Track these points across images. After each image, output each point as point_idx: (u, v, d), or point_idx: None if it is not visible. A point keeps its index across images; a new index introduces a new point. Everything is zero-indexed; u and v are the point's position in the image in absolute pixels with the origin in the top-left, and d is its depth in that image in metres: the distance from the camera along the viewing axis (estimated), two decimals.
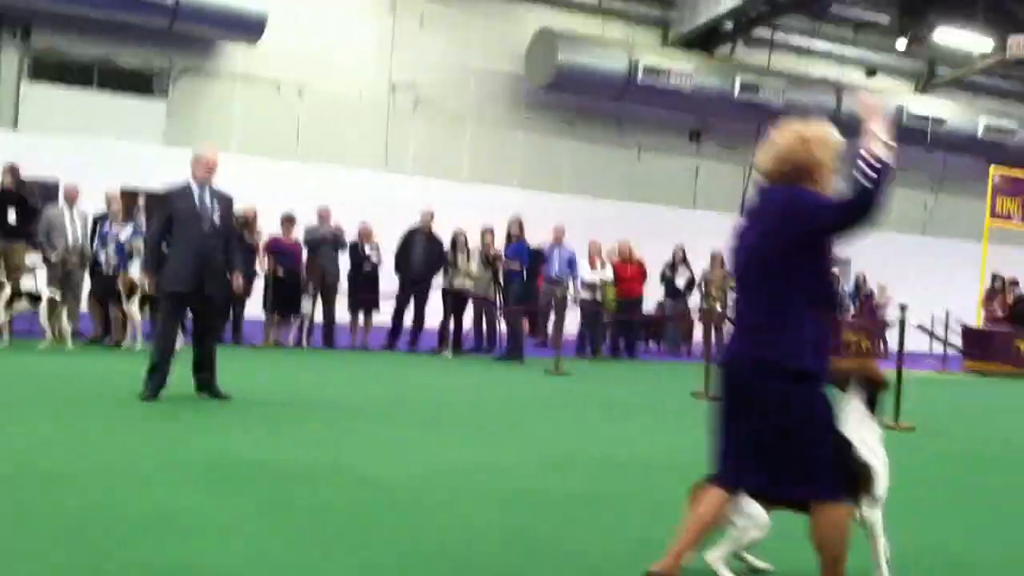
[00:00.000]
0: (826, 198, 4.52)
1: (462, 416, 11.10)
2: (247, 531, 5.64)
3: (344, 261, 18.88)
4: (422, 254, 18.90)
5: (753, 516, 4.93)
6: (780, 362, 4.46)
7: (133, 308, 15.80)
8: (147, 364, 10.47)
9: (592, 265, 20.41)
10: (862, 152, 4.36)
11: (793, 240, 4.49)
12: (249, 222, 17.77)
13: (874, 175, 4.28)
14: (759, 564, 5.35)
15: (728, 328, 21.39)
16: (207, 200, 10.64)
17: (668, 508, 6.74)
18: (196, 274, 10.43)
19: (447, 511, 6.39)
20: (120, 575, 4.77)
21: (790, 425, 4.48)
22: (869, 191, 4.27)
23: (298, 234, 18.54)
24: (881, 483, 5.02)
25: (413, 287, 18.92)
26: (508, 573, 5.17)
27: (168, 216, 10.59)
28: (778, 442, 4.52)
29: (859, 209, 4.33)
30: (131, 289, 15.58)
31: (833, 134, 4.70)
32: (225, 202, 10.84)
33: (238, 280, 11.96)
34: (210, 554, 5.14)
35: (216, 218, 10.63)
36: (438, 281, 19.04)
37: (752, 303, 4.64)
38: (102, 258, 16.59)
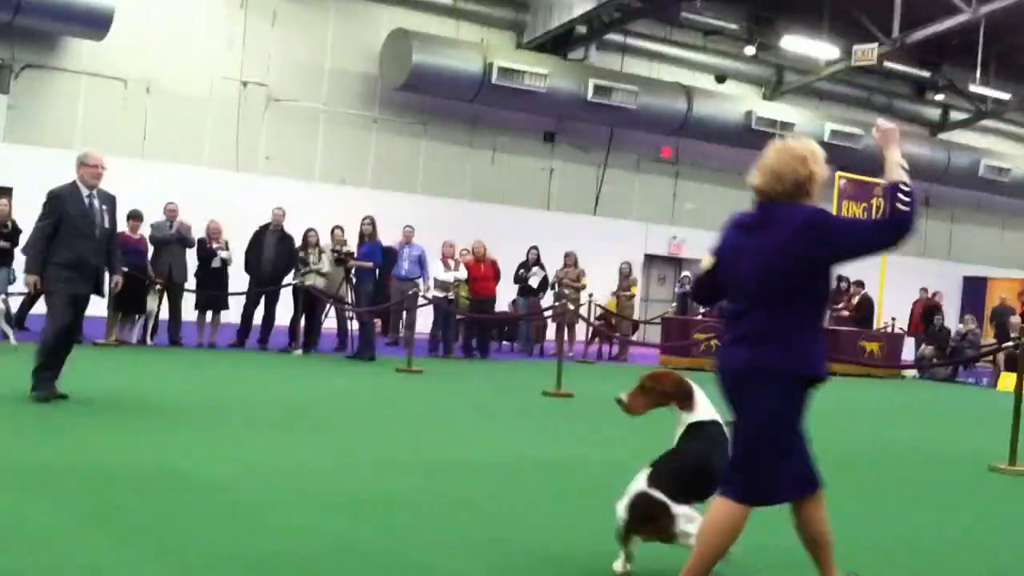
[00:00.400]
0: (858, 221, 5.03)
1: (307, 416, 10.95)
2: (65, 538, 5.49)
3: (192, 259, 18.62)
4: (273, 252, 18.74)
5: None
6: (785, 367, 4.67)
7: None
8: (37, 361, 10.44)
9: (445, 264, 20.48)
10: (895, 179, 4.75)
11: (817, 258, 4.74)
12: None
13: (909, 199, 4.65)
14: None
15: (580, 326, 21.69)
16: (96, 203, 10.68)
17: (500, 510, 6.93)
18: (92, 276, 10.62)
19: (277, 514, 6.31)
20: None
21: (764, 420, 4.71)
22: (908, 214, 4.64)
23: (144, 231, 18.21)
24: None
25: (264, 285, 18.74)
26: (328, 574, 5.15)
27: (59, 218, 10.46)
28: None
29: (902, 231, 4.67)
30: None
31: (818, 148, 4.99)
32: (111, 203, 10.90)
33: (118, 281, 11.81)
34: (23, 563, 4.96)
35: (106, 221, 10.77)
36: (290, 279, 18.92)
37: (754, 312, 4.77)
38: None
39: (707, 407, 5.53)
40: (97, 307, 17.36)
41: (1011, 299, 29.98)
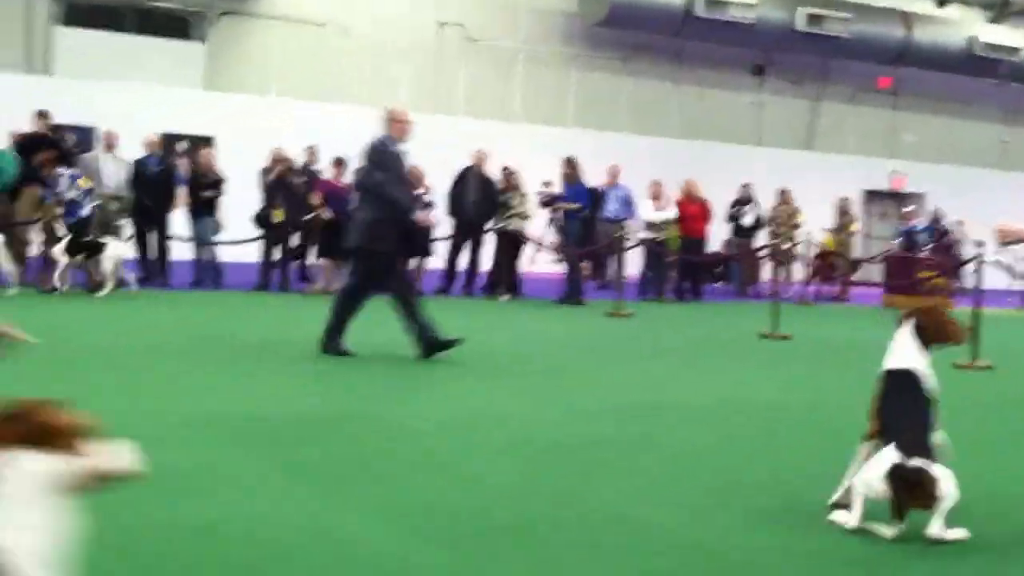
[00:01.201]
0: None
1: (513, 363, 10.65)
2: (270, 488, 5.37)
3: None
4: (476, 195, 18.36)
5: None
6: None
7: None
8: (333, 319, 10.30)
9: (655, 204, 19.90)
10: None
11: None
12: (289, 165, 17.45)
13: None
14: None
15: (797, 266, 20.94)
16: (405, 159, 10.66)
17: (706, 453, 6.60)
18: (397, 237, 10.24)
19: (477, 460, 6.17)
20: (142, 533, 4.51)
21: None
22: None
23: (346, 179, 18.02)
24: None
25: (467, 229, 18.39)
26: (526, 525, 4.86)
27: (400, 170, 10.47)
28: None
29: None
30: None
31: None
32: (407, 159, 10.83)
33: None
34: (238, 511, 4.89)
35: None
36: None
37: None
38: None
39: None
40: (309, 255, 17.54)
41: None
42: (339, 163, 17.85)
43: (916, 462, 4.62)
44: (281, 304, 15.65)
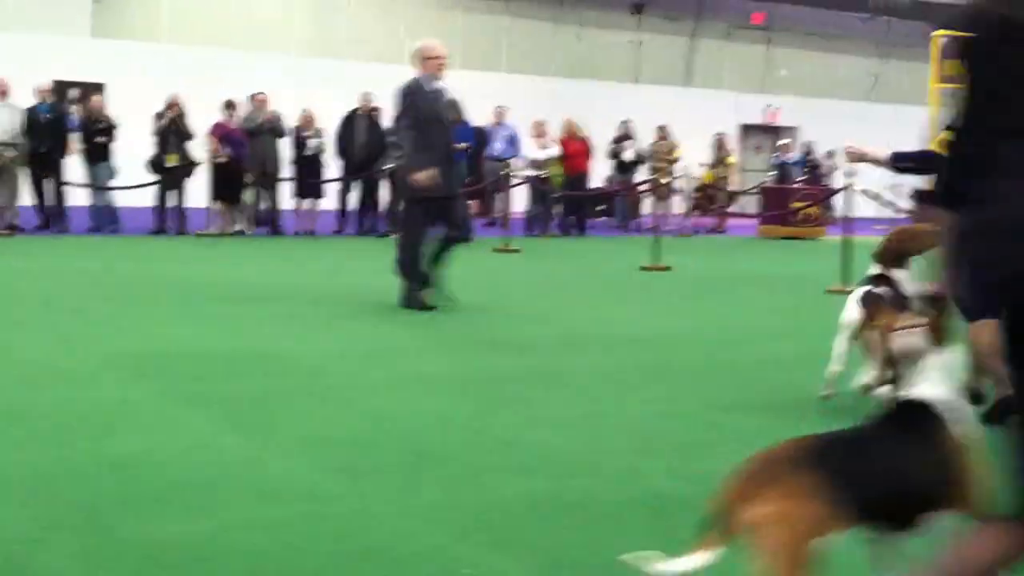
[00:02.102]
0: None
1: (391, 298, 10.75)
2: (172, 421, 5.78)
3: (284, 149, 18.89)
4: (364, 138, 18.94)
5: None
6: None
7: None
8: (402, 272, 10.08)
9: (539, 143, 20.56)
10: None
11: None
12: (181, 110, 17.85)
13: None
14: None
15: (673, 199, 21.63)
16: (442, 97, 10.30)
17: (590, 384, 7.00)
18: (446, 176, 9.98)
19: (371, 395, 6.51)
20: (66, 468, 4.86)
21: None
22: None
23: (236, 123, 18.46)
24: None
25: (357, 171, 19.01)
26: (430, 452, 5.25)
27: (415, 115, 9.96)
28: None
29: None
30: None
31: None
32: (452, 99, 10.59)
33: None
34: (151, 446, 5.23)
35: (448, 116, 10.49)
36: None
37: None
38: None
39: None
40: (197, 198, 17.94)
41: None
42: (230, 106, 18.28)
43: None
44: (176, 247, 16.06)
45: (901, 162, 6.23)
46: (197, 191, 18.00)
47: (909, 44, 32.95)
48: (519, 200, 20.55)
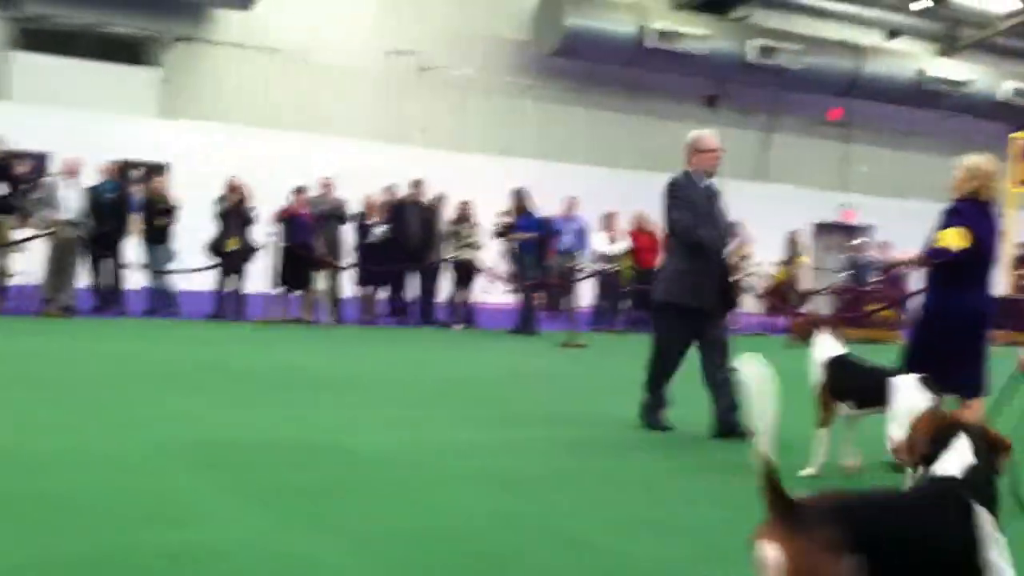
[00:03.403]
0: None
1: (467, 392, 10.92)
2: (233, 515, 5.59)
3: (347, 234, 18.74)
4: (417, 226, 18.79)
5: None
6: None
7: None
8: (646, 387, 9.06)
9: (609, 237, 20.32)
10: None
11: None
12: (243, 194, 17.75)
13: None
14: None
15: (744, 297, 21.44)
16: (715, 198, 9.01)
17: (655, 486, 6.82)
18: (713, 288, 8.68)
19: (439, 490, 6.35)
20: (109, 559, 4.69)
21: None
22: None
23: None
24: None
25: (410, 260, 18.88)
26: (495, 553, 5.10)
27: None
28: None
29: None
30: None
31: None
32: (720, 196, 9.14)
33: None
34: (207, 538, 5.08)
35: (722, 219, 9.08)
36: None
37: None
38: None
39: None
40: (259, 282, 17.79)
41: None
42: (299, 191, 18.18)
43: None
44: (236, 333, 15.97)
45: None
46: (257, 276, 17.81)
47: (988, 144, 32.56)
48: (586, 294, 20.28)
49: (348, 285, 18.81)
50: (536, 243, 19.11)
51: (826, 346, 7.46)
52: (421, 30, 26.36)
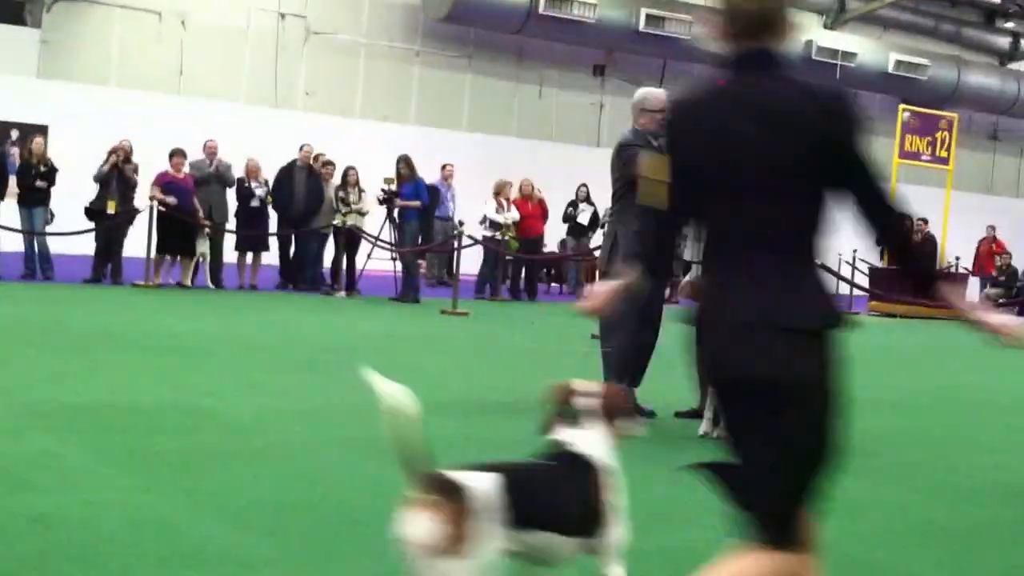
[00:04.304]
0: None
1: (342, 357, 10.77)
2: (101, 477, 5.66)
3: (231, 199, 18.69)
4: (303, 190, 18.85)
5: None
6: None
7: None
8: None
9: (499, 205, 20.44)
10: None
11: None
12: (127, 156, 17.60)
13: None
14: None
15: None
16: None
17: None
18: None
19: (309, 456, 6.42)
20: None
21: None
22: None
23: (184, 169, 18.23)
24: None
25: (294, 225, 18.96)
26: (365, 519, 5.10)
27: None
28: None
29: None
30: None
31: None
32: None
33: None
34: (74, 501, 5.14)
35: None
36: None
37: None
38: None
39: None
40: (137, 248, 17.67)
41: None
42: (176, 155, 18.08)
43: None
44: (113, 297, 15.89)
45: None
46: (137, 241, 17.70)
47: (876, 116, 33.16)
48: (471, 261, 20.41)
49: (230, 250, 18.75)
50: (420, 210, 19.22)
51: None
52: None
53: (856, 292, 20.89)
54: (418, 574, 3.15)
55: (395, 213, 18.82)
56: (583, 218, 22.53)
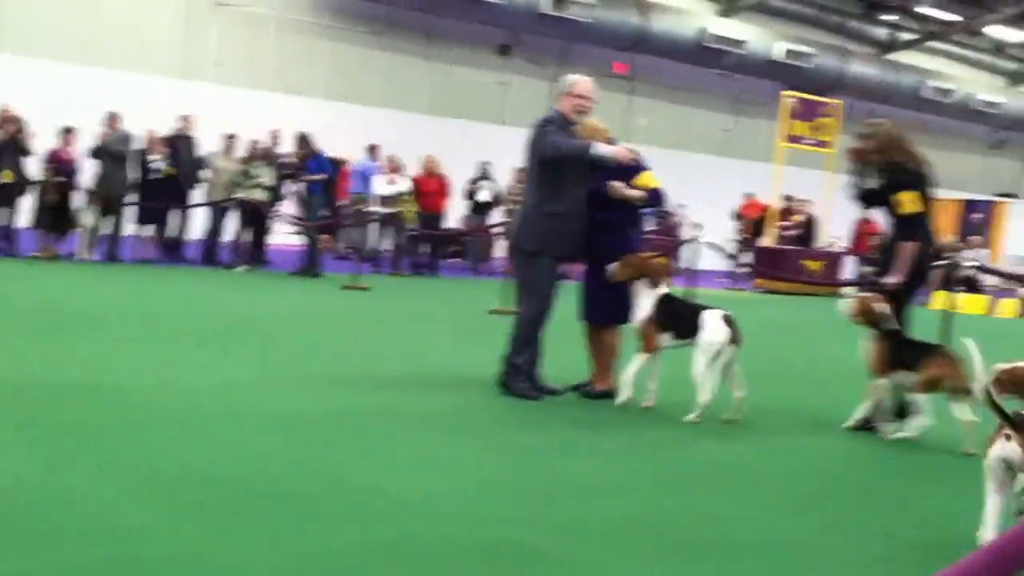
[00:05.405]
0: None
1: (240, 331, 10.49)
2: (10, 454, 5.30)
3: (133, 171, 17.66)
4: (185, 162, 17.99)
5: None
6: None
7: None
8: (512, 348, 8.15)
9: (389, 179, 19.79)
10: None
11: None
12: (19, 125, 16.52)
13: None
14: None
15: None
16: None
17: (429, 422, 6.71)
18: (578, 235, 8.08)
19: (207, 429, 6.13)
20: None
21: None
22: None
23: (84, 142, 17.15)
24: None
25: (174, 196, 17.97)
26: (265, 491, 4.96)
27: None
28: None
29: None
30: None
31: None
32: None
33: None
34: None
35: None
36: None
37: None
38: None
39: None
40: (32, 217, 16.69)
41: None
42: (68, 131, 16.99)
43: None
44: (5, 269, 14.78)
45: None
46: (30, 211, 16.71)
47: (761, 102, 32.99)
48: (374, 236, 19.82)
49: (127, 223, 17.75)
50: (324, 185, 18.37)
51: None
52: None
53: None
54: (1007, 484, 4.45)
55: (300, 188, 18.03)
56: (483, 195, 21.96)
